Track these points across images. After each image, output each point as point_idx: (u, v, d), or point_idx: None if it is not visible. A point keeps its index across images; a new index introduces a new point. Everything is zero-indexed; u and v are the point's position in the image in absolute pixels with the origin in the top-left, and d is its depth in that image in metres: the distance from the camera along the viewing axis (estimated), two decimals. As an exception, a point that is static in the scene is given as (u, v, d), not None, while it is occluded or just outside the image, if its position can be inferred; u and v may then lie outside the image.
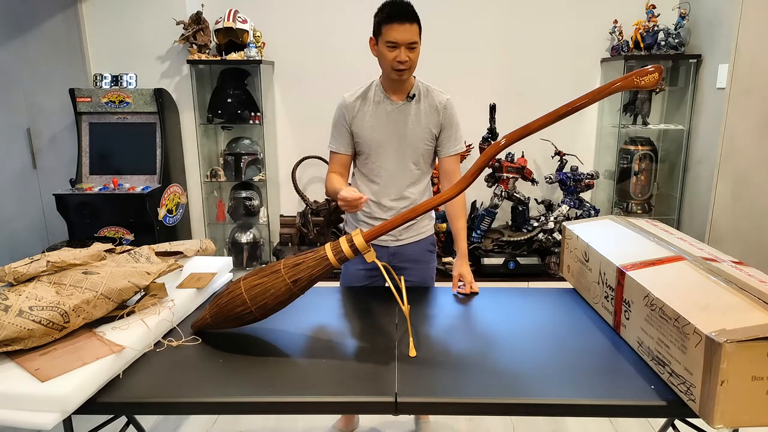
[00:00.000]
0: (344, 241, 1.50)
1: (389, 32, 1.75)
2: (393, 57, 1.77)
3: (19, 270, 1.51)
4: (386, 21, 1.75)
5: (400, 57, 1.76)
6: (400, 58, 1.76)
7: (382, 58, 1.80)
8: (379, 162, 1.93)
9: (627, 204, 3.81)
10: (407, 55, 1.77)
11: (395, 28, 1.74)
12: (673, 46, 3.55)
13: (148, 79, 3.78)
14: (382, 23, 1.76)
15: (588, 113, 3.93)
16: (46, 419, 1.15)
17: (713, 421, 1.10)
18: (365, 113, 1.91)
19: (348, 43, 3.72)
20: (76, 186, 3.53)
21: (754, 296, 1.22)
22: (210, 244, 2.10)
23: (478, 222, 3.66)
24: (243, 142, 3.85)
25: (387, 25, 1.75)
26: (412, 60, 1.79)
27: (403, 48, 1.76)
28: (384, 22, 1.75)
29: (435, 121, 1.91)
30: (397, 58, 1.76)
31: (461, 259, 1.94)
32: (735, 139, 3.29)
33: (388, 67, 1.81)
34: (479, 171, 1.53)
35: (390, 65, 1.79)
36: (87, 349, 1.32)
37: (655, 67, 1.39)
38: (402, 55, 1.76)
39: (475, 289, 1.89)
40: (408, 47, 1.76)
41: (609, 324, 1.59)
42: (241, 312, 1.47)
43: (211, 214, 4.05)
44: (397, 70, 1.79)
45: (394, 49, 1.76)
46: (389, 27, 1.74)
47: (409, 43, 1.76)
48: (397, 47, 1.76)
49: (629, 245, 1.66)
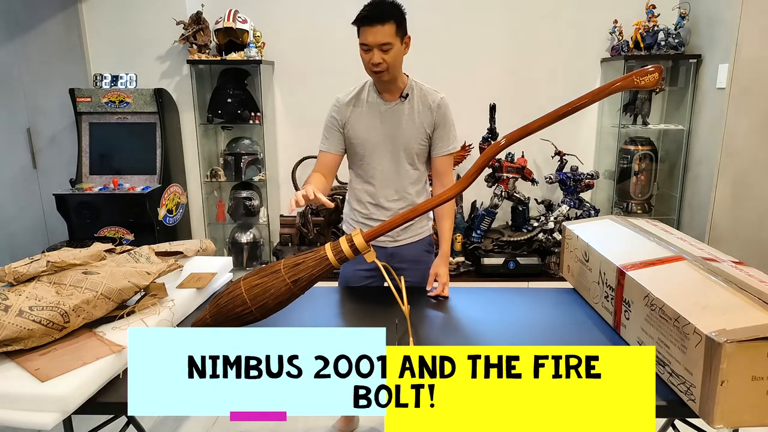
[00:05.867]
0: (344, 241, 1.50)
1: (361, 35, 1.75)
2: (367, 59, 1.77)
3: (19, 270, 1.51)
4: (357, 23, 1.75)
5: (373, 59, 1.75)
6: (373, 60, 1.75)
7: (362, 59, 1.81)
8: (374, 163, 1.92)
9: (627, 204, 3.81)
10: (381, 57, 1.74)
11: (365, 30, 1.73)
12: (673, 46, 3.55)
13: (148, 79, 3.78)
14: (356, 26, 1.76)
15: (588, 113, 3.93)
16: (46, 419, 1.15)
17: (713, 421, 1.10)
18: (359, 114, 1.90)
19: (348, 43, 3.70)
20: (76, 186, 3.53)
21: (754, 296, 1.22)
22: (210, 244, 2.10)
23: (478, 222, 3.65)
24: (243, 142, 3.85)
25: (359, 28, 1.75)
26: (387, 61, 1.75)
27: (376, 50, 1.73)
28: (357, 24, 1.75)
29: (429, 120, 1.90)
30: (371, 60, 1.75)
31: (441, 259, 1.94)
32: (735, 139, 3.29)
33: (368, 69, 1.81)
34: (479, 171, 1.53)
35: (367, 67, 1.80)
36: (87, 349, 1.32)
37: (655, 67, 1.39)
38: (375, 57, 1.74)
39: (445, 293, 1.87)
40: (380, 49, 1.73)
41: (609, 324, 1.60)
42: (241, 312, 1.47)
43: (211, 214, 4.05)
44: (374, 72, 1.79)
45: (368, 51, 1.76)
46: (361, 30, 1.75)
47: (381, 44, 1.73)
48: (370, 49, 1.75)
49: (629, 245, 1.66)
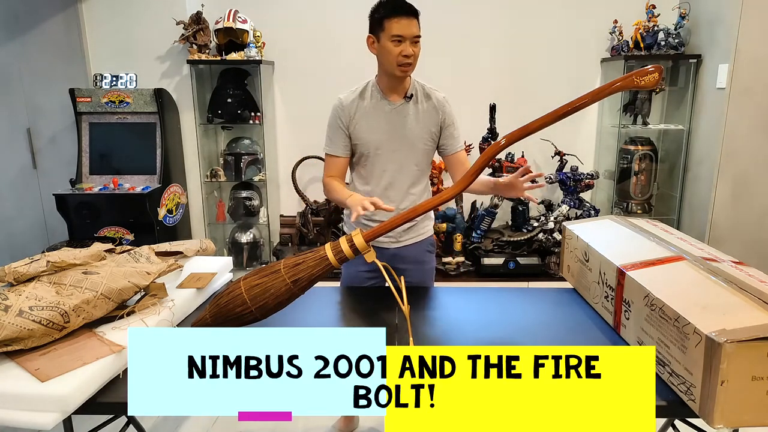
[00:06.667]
0: (344, 241, 1.50)
1: (394, 26, 1.75)
2: (399, 51, 1.76)
3: (19, 270, 1.51)
4: (390, 15, 1.75)
5: (406, 51, 1.76)
6: (406, 52, 1.76)
7: (387, 54, 1.78)
8: (378, 163, 1.91)
9: (627, 204, 3.81)
10: (412, 50, 1.77)
11: (400, 22, 1.74)
12: (673, 46, 3.55)
13: (148, 79, 3.78)
14: (384, 18, 1.76)
15: (588, 113, 3.93)
16: (46, 419, 1.15)
17: (713, 421, 1.10)
18: (363, 114, 1.89)
19: (348, 42, 3.72)
20: (76, 186, 3.52)
21: (754, 296, 1.22)
22: (210, 244, 2.10)
23: (478, 222, 3.66)
24: (243, 142, 3.85)
25: (390, 20, 1.75)
26: (416, 54, 1.79)
27: (408, 42, 1.76)
28: (387, 16, 1.75)
29: (435, 120, 1.90)
30: (403, 51, 1.76)
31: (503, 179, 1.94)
32: (735, 139, 3.29)
33: (393, 64, 1.79)
34: (479, 171, 1.53)
35: (395, 61, 1.78)
36: (87, 349, 1.32)
37: (655, 67, 1.39)
38: (408, 49, 1.76)
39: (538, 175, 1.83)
40: (412, 41, 1.77)
41: (609, 324, 1.60)
42: (241, 312, 1.47)
43: (211, 214, 4.05)
44: (401, 66, 1.79)
45: (399, 43, 1.76)
46: (393, 21, 1.74)
47: (414, 36, 1.76)
48: (402, 41, 1.76)
49: (629, 245, 1.66)
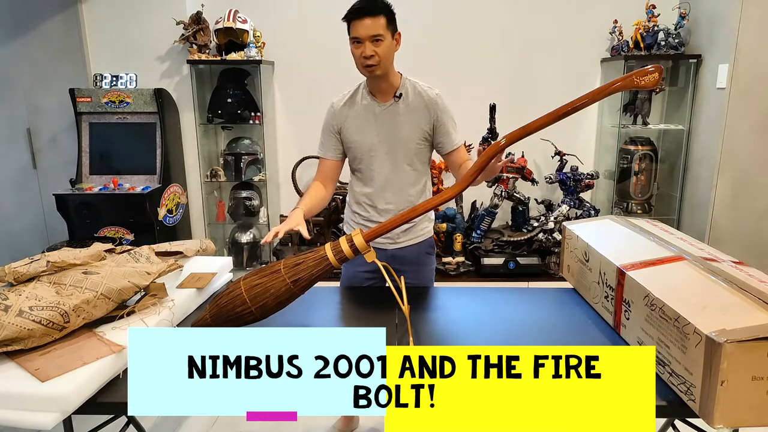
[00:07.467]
0: (344, 241, 1.50)
1: (352, 29, 1.75)
2: (359, 53, 1.76)
3: (19, 270, 1.51)
4: (348, 17, 1.75)
5: (365, 52, 1.74)
6: (365, 53, 1.74)
7: (353, 56, 1.80)
8: (372, 165, 1.91)
9: (627, 204, 3.81)
10: (372, 50, 1.74)
11: (356, 24, 1.74)
12: (673, 46, 3.55)
13: (148, 79, 3.78)
14: (346, 22, 1.77)
15: (588, 113, 3.93)
16: (46, 419, 1.15)
17: (713, 421, 1.10)
18: (354, 118, 1.89)
19: (348, 42, 3.72)
20: (76, 186, 3.53)
21: (754, 296, 1.22)
22: (210, 244, 2.10)
23: (478, 222, 3.65)
24: (243, 142, 3.85)
25: (350, 23, 1.75)
26: (379, 54, 1.75)
27: (367, 43, 1.73)
28: (347, 19, 1.76)
29: (426, 118, 1.88)
30: (363, 53, 1.75)
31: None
32: (735, 139, 3.29)
33: (359, 66, 1.80)
34: (479, 171, 1.53)
35: (359, 62, 1.79)
36: (87, 349, 1.32)
37: (655, 67, 1.39)
38: (366, 50, 1.74)
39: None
40: (372, 41, 1.73)
41: (609, 324, 1.59)
42: (241, 312, 1.47)
43: (211, 214, 4.05)
44: (366, 67, 1.78)
45: (359, 44, 1.75)
46: (352, 24, 1.75)
47: (372, 36, 1.73)
48: (361, 43, 1.75)
49: (629, 245, 1.66)
